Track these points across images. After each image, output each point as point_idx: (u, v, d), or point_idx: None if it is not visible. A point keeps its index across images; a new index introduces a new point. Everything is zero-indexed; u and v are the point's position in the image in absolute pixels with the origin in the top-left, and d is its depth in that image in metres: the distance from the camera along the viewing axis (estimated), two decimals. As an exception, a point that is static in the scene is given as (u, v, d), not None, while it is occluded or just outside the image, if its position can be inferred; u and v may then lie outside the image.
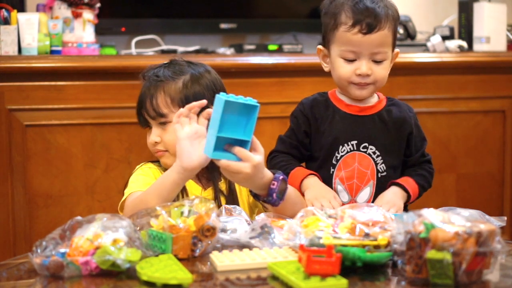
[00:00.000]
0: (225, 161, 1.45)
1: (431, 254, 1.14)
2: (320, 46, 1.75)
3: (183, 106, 1.61)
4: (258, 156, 1.47)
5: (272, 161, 1.76)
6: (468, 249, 1.12)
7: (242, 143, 1.46)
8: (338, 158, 1.70)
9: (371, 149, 1.70)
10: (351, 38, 1.65)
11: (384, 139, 1.71)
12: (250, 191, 1.58)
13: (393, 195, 1.67)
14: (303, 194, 1.67)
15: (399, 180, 1.71)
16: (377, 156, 1.70)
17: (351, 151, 1.70)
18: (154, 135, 1.72)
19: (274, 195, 1.53)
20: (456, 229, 1.14)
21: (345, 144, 1.70)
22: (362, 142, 1.70)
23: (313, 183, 1.67)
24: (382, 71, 1.68)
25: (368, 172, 1.69)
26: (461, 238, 1.13)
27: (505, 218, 1.45)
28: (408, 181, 1.71)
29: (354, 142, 1.70)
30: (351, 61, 1.67)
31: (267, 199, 1.54)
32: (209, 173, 1.75)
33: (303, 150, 1.75)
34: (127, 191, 1.68)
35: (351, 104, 1.73)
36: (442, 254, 1.13)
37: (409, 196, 1.69)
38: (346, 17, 1.65)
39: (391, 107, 1.75)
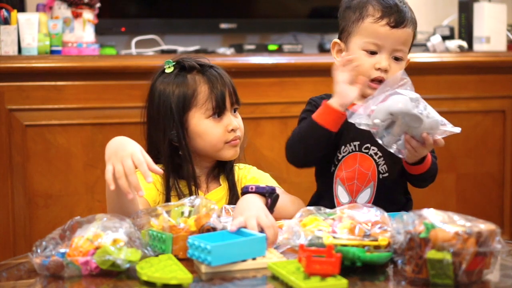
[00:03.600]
0: None
1: (431, 254, 1.14)
2: (336, 40, 1.73)
3: (235, 101, 1.71)
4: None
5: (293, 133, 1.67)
6: (468, 249, 1.12)
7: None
8: (339, 158, 1.69)
9: (373, 150, 1.69)
10: (378, 29, 1.65)
11: None
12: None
13: None
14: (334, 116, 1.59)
15: None
16: (379, 157, 1.69)
17: (352, 151, 1.69)
18: (235, 121, 1.71)
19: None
20: (456, 229, 1.14)
21: (347, 145, 1.69)
22: (364, 143, 1.69)
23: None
24: (398, 71, 1.65)
25: (369, 174, 1.68)
26: (461, 238, 1.13)
27: None
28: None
29: (357, 143, 1.69)
30: (372, 54, 1.66)
31: None
32: (215, 173, 1.76)
33: None
34: None
35: (356, 104, 1.69)
36: (442, 254, 1.13)
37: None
38: (374, 9, 1.66)
39: None
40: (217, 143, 1.69)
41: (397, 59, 1.67)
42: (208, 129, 1.69)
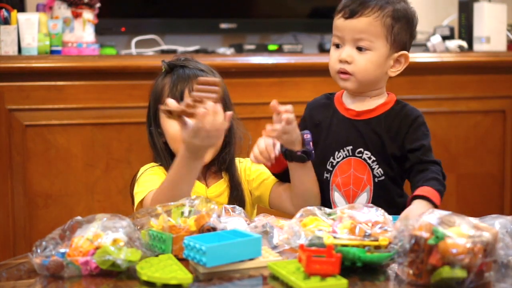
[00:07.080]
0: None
1: (446, 272, 1.12)
2: None
3: (224, 104, 1.69)
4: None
5: None
6: (477, 261, 1.12)
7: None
8: (334, 164, 1.67)
9: (366, 154, 1.66)
10: (336, 22, 1.68)
11: (379, 145, 1.66)
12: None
13: (421, 209, 1.46)
14: None
15: (420, 193, 1.55)
16: (373, 162, 1.66)
17: (346, 156, 1.67)
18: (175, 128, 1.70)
19: (311, 144, 1.62)
20: (465, 241, 1.13)
21: (341, 150, 1.67)
22: (357, 147, 1.66)
23: None
24: (363, 62, 1.64)
25: (364, 178, 1.66)
26: (472, 251, 1.12)
27: None
28: (429, 191, 1.55)
29: (350, 148, 1.67)
30: (337, 47, 1.68)
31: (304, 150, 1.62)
32: (214, 169, 1.75)
33: None
34: (142, 190, 1.66)
35: (349, 108, 1.70)
36: (460, 272, 1.12)
37: (436, 206, 1.53)
38: (340, 4, 1.69)
39: (392, 112, 1.69)
40: (174, 143, 1.71)
41: (360, 49, 1.65)
42: (167, 127, 1.72)
